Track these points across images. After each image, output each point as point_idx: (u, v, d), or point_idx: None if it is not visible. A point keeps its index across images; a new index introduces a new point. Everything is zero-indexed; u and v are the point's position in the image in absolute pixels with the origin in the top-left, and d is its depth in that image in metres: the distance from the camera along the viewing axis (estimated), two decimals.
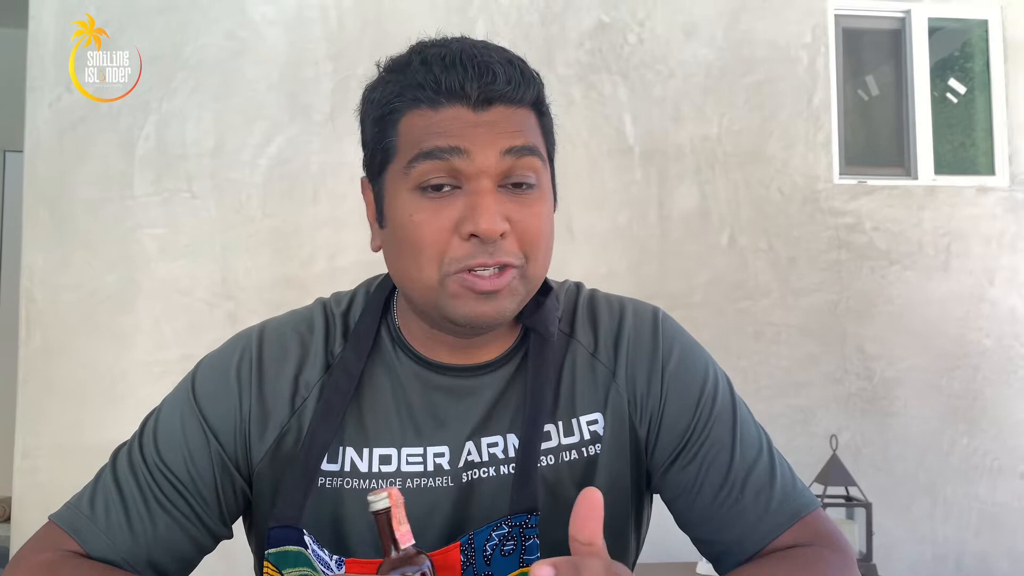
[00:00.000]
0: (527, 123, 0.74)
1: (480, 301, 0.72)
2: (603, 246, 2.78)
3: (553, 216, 0.77)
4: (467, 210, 0.70)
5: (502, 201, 0.71)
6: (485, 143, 0.70)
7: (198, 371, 0.82)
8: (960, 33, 3.16)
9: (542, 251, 0.74)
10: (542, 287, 0.81)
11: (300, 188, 2.69)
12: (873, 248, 2.92)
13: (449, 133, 0.70)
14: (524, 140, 0.72)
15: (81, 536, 0.75)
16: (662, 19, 2.88)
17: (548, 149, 0.77)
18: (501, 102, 0.72)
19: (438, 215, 0.71)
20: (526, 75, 0.74)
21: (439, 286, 0.72)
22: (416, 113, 0.72)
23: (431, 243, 0.71)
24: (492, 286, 0.71)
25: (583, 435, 0.79)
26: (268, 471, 0.78)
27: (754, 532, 0.77)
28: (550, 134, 0.78)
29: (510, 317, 0.75)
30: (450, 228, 0.71)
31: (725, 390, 0.83)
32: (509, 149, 0.71)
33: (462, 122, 0.71)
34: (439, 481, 0.77)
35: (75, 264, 2.58)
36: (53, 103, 2.61)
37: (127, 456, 0.79)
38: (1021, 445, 2.93)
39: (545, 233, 0.74)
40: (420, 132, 0.71)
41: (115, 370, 2.56)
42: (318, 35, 2.74)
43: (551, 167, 0.78)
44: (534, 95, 0.75)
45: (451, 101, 0.71)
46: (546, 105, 0.77)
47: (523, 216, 0.72)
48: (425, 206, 0.71)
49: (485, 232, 0.69)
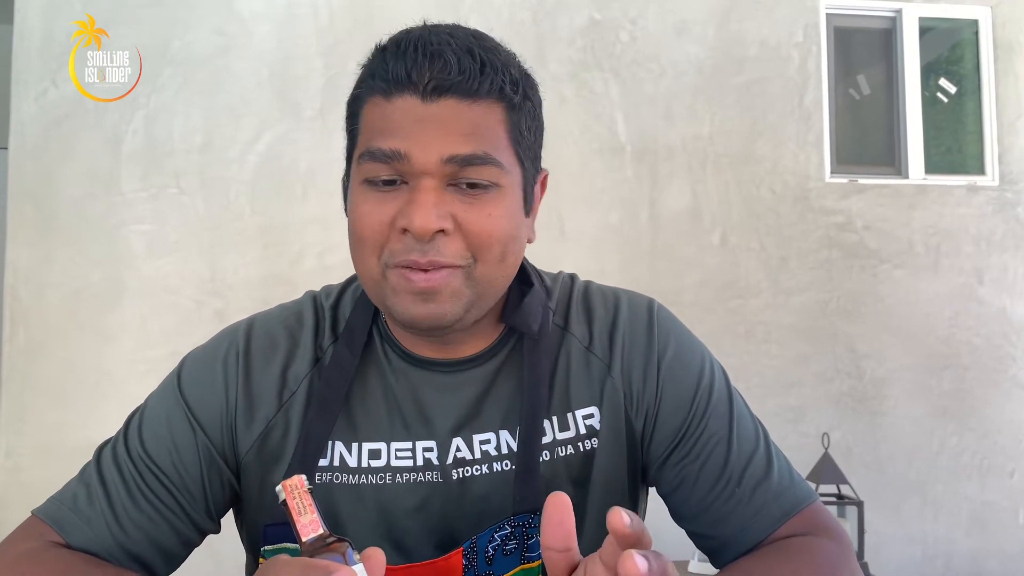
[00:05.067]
0: (486, 120, 0.69)
1: (418, 302, 0.69)
2: (594, 245, 2.78)
3: (519, 215, 0.73)
4: (405, 205, 0.68)
5: (448, 199, 0.68)
6: (427, 145, 0.67)
7: (184, 364, 0.81)
8: (951, 33, 3.17)
9: (494, 253, 0.70)
10: (526, 281, 0.80)
11: (289, 185, 2.67)
12: (864, 247, 2.93)
13: (395, 130, 0.68)
14: (472, 147, 0.67)
15: (63, 528, 0.73)
16: (654, 17, 2.88)
17: (521, 145, 0.72)
18: (453, 94, 0.67)
19: (379, 208, 0.69)
20: (488, 65, 0.69)
21: (382, 278, 0.71)
22: (372, 102, 0.70)
23: (371, 236, 0.70)
24: (426, 284, 0.69)
25: (579, 429, 0.78)
26: (255, 464, 0.77)
27: (751, 526, 0.76)
28: (528, 131, 0.73)
29: (459, 320, 0.72)
30: (388, 222, 0.69)
31: (721, 383, 0.82)
32: (451, 157, 0.67)
33: (410, 116, 0.68)
34: (429, 476, 0.76)
35: (60, 261, 2.55)
36: (39, 98, 2.58)
37: (111, 451, 0.77)
38: (1010, 444, 2.94)
39: (499, 234, 0.70)
40: (373, 124, 0.70)
41: (100, 368, 2.53)
42: (308, 31, 2.73)
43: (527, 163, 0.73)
44: (497, 87, 0.69)
45: (400, 91, 0.68)
46: (522, 97, 0.71)
47: (471, 216, 0.69)
48: (370, 198, 0.70)
49: (417, 229, 0.67)
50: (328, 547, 0.52)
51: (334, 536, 0.53)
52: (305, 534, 0.52)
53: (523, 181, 0.73)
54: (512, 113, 0.71)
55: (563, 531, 0.53)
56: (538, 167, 0.77)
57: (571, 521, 0.54)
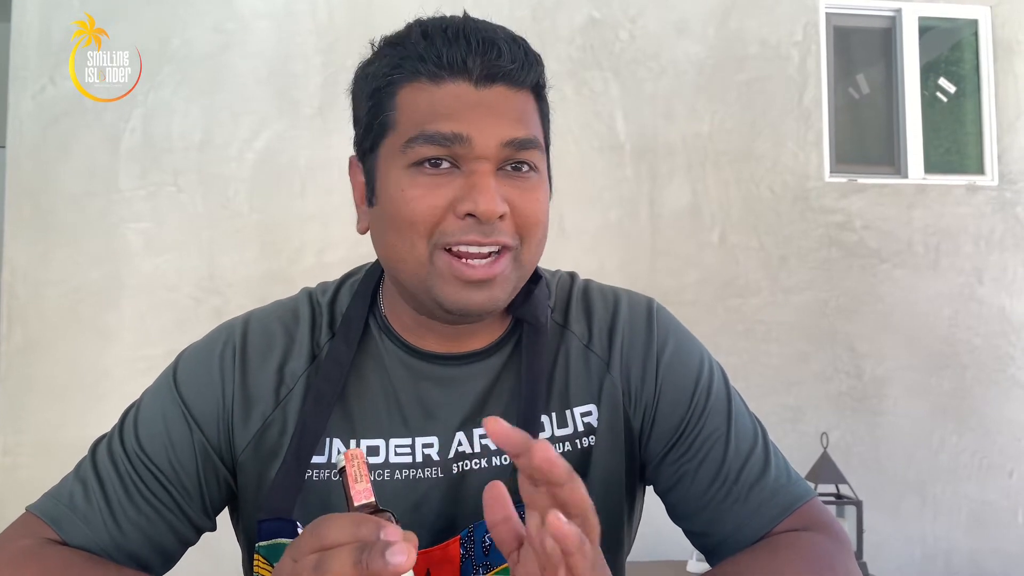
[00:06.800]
0: (528, 108, 0.72)
1: (470, 289, 0.70)
2: (594, 243, 2.77)
3: (548, 204, 0.75)
4: (465, 190, 0.68)
5: (501, 184, 0.70)
6: (487, 129, 0.68)
7: (180, 361, 0.80)
8: (950, 32, 3.17)
9: (537, 237, 0.73)
10: (534, 275, 0.80)
11: (288, 183, 2.67)
12: (863, 246, 2.92)
13: (450, 114, 0.68)
14: (526, 132, 0.70)
15: (60, 526, 0.73)
16: (654, 16, 2.88)
17: (545, 136, 0.76)
18: (503, 81, 0.70)
19: (434, 192, 0.69)
20: (530, 56, 0.72)
21: (429, 263, 0.70)
22: (416, 87, 0.70)
23: (423, 219, 0.69)
24: (485, 274, 0.69)
25: (577, 427, 0.78)
26: (252, 462, 0.76)
27: (749, 524, 0.75)
28: (547, 120, 0.76)
29: (502, 306, 0.73)
30: (445, 206, 0.69)
31: (720, 381, 0.82)
32: (511, 140, 0.69)
33: (463, 101, 0.68)
34: (428, 472, 0.75)
35: (58, 259, 2.54)
36: (37, 96, 2.57)
37: (107, 447, 0.77)
38: (1010, 444, 2.93)
39: (542, 218, 0.73)
40: (421, 108, 0.69)
41: (98, 367, 2.53)
42: (307, 29, 2.72)
43: (547, 155, 0.77)
44: (535, 78, 0.73)
45: (452, 76, 0.69)
46: (545, 90, 0.76)
47: (522, 200, 0.70)
48: (421, 182, 0.69)
49: (484, 213, 0.67)
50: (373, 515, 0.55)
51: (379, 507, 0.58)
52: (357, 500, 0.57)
53: (548, 170, 0.76)
54: (541, 104, 0.75)
55: (499, 504, 0.57)
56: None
57: (505, 495, 0.57)
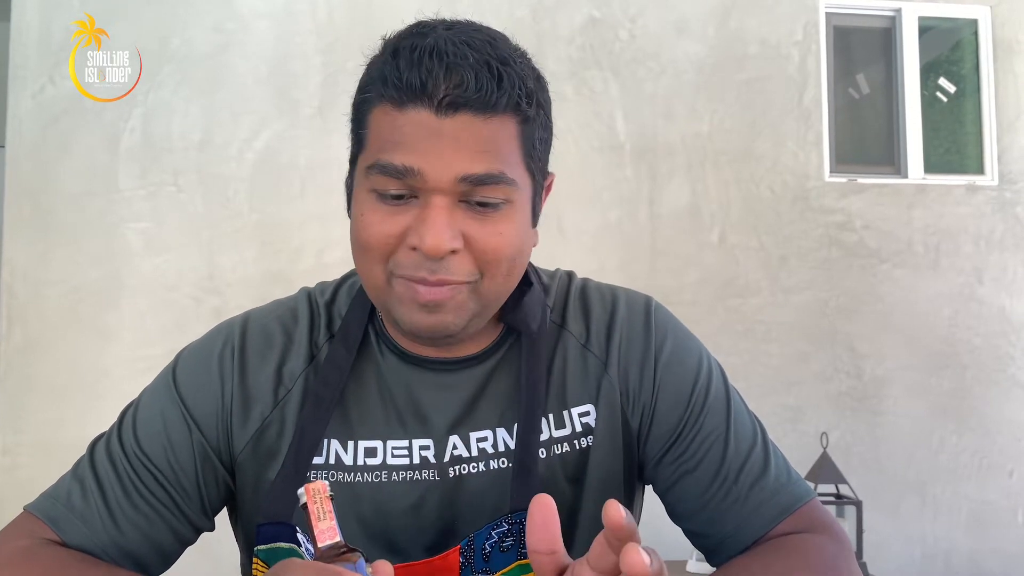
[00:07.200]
0: (499, 136, 0.67)
1: (423, 312, 0.69)
2: (593, 243, 2.77)
3: (527, 228, 0.73)
4: (416, 222, 0.67)
5: (459, 217, 0.67)
6: (442, 162, 0.65)
7: (179, 360, 0.80)
8: (950, 32, 3.16)
9: (502, 269, 0.70)
10: (525, 280, 0.79)
11: (287, 183, 2.66)
12: (863, 246, 2.92)
13: (407, 145, 0.66)
14: (487, 166, 0.66)
15: (58, 525, 0.73)
16: (653, 16, 2.87)
17: (533, 158, 0.71)
18: (469, 109, 0.65)
19: (388, 220, 0.68)
20: (505, 80, 0.66)
21: (387, 285, 0.70)
22: (381, 109, 0.68)
23: (377, 246, 0.69)
24: (432, 297, 0.68)
25: (575, 427, 0.78)
26: (250, 462, 0.76)
27: (748, 524, 0.75)
28: (540, 140, 0.72)
29: (462, 330, 0.72)
30: (398, 235, 0.68)
31: (719, 380, 0.82)
32: (465, 177, 0.66)
33: (423, 130, 0.65)
34: (426, 474, 0.75)
35: (58, 259, 2.54)
36: (36, 95, 2.57)
37: (105, 446, 0.77)
38: (1010, 444, 2.93)
39: (506, 251, 0.70)
40: (383, 134, 0.68)
41: (98, 366, 2.53)
42: (307, 28, 2.72)
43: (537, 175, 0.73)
44: (513, 102, 0.67)
45: (413, 102, 0.66)
46: (536, 108, 0.70)
47: (481, 235, 0.68)
48: (377, 208, 0.69)
49: (429, 250, 0.66)
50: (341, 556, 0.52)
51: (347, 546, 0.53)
52: (322, 540, 0.53)
53: (532, 193, 0.73)
54: (526, 126, 0.69)
55: (548, 534, 0.52)
56: (546, 173, 0.76)
57: (556, 523, 0.52)
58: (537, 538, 0.52)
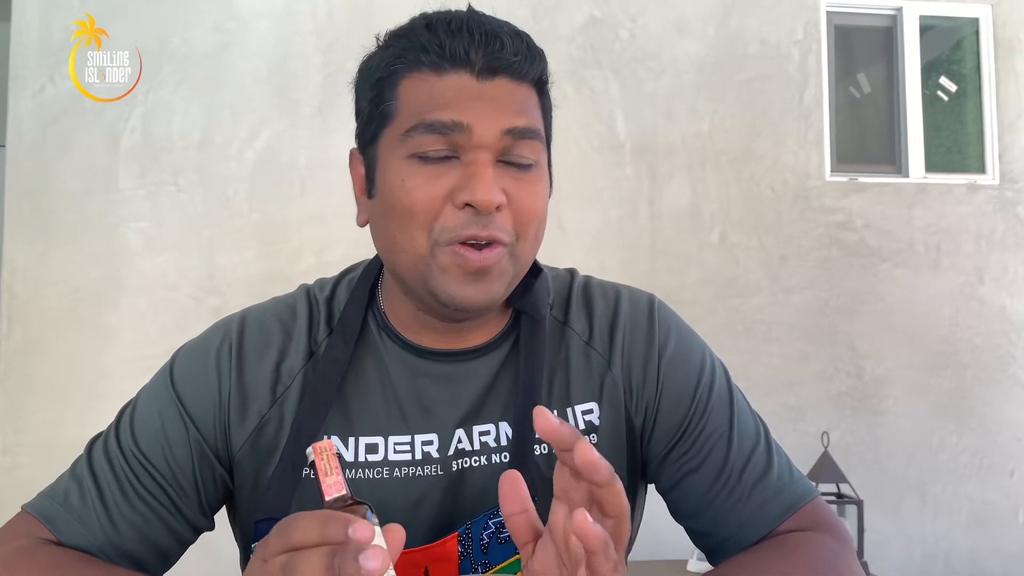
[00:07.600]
0: (529, 102, 0.72)
1: (469, 282, 0.69)
2: (593, 243, 2.77)
3: (548, 200, 0.75)
4: (464, 179, 0.68)
5: (500, 175, 0.69)
6: (487, 118, 0.68)
7: (176, 359, 0.80)
8: (951, 31, 3.16)
9: (534, 231, 0.72)
10: (532, 269, 0.79)
11: (287, 182, 2.66)
12: (864, 246, 2.92)
13: (451, 104, 0.68)
14: (527, 121, 0.70)
15: (55, 525, 0.72)
16: (654, 15, 2.87)
17: (547, 131, 0.76)
18: (506, 74, 0.70)
19: (433, 182, 0.69)
20: (532, 49, 0.72)
21: (429, 256, 0.70)
22: (418, 77, 0.70)
23: (423, 210, 0.69)
24: (482, 261, 0.68)
25: (578, 425, 0.77)
26: (248, 460, 0.76)
27: (751, 523, 0.75)
28: (549, 116, 0.76)
29: (499, 300, 0.73)
30: (443, 196, 0.68)
31: (722, 379, 0.81)
32: (511, 129, 0.69)
33: (465, 93, 0.69)
34: (428, 470, 0.75)
35: (58, 259, 2.54)
36: (36, 95, 2.57)
37: (103, 446, 0.76)
38: (1010, 443, 2.93)
39: (539, 213, 0.72)
40: (422, 99, 0.69)
41: (98, 366, 2.52)
42: (307, 28, 2.72)
43: (548, 151, 0.76)
44: (538, 72, 0.73)
45: (455, 67, 0.69)
46: (548, 86, 0.76)
47: (520, 193, 0.70)
48: (420, 171, 0.69)
49: (482, 203, 0.67)
50: (348, 508, 0.54)
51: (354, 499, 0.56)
52: (328, 494, 0.55)
53: (548, 166, 0.76)
54: (544, 99, 0.75)
55: (518, 496, 0.58)
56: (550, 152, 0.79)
57: (523, 486, 0.58)
58: (509, 501, 0.57)
